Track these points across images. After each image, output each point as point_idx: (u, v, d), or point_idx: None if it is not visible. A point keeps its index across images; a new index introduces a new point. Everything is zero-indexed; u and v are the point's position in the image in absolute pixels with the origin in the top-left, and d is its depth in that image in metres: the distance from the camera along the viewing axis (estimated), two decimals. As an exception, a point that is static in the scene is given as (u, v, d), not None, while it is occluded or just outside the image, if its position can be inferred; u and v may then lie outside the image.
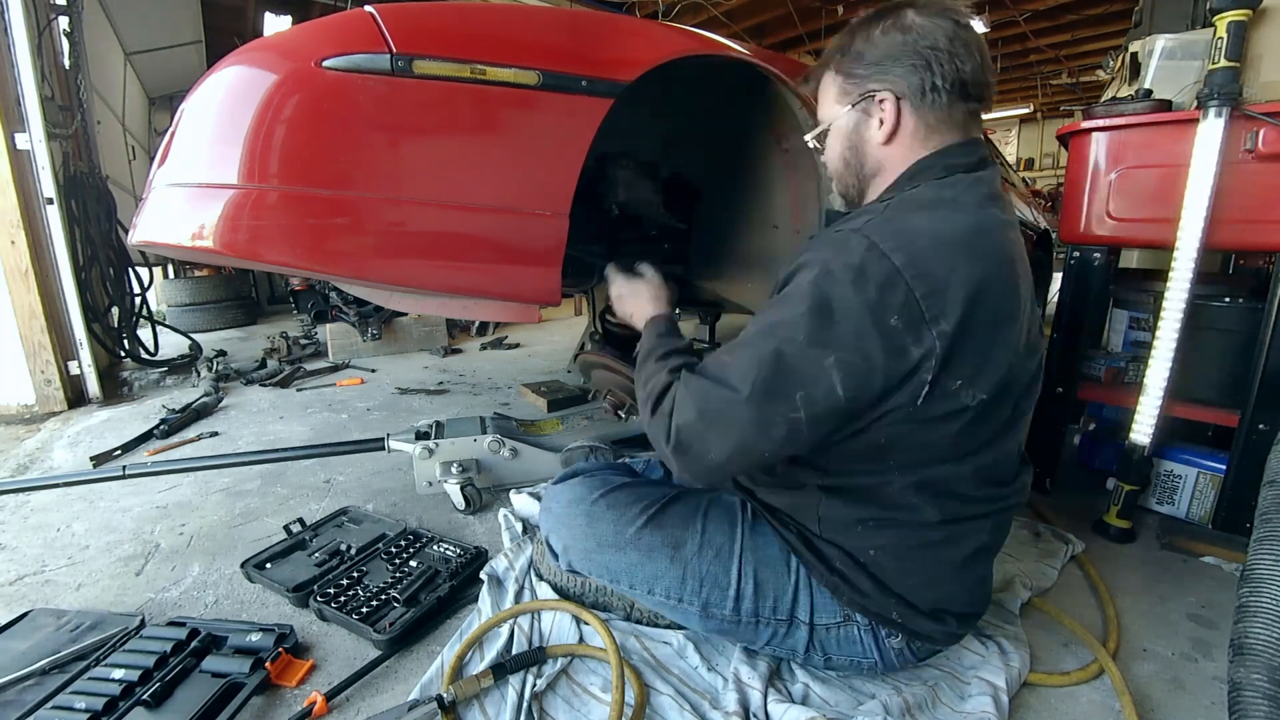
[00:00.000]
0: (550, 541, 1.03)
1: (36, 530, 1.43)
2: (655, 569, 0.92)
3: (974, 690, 0.92)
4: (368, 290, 1.27)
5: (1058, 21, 7.00)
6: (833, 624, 0.88)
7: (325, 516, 1.43)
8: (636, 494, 0.98)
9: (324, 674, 0.97)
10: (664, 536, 0.92)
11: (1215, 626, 1.12)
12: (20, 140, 2.22)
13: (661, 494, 0.98)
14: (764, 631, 0.90)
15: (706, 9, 6.38)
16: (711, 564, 0.89)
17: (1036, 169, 13.03)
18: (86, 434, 2.12)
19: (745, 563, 0.89)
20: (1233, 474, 1.40)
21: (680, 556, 0.90)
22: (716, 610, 0.90)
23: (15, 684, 0.92)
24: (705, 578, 0.89)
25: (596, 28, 1.21)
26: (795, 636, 0.89)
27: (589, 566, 0.99)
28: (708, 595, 0.89)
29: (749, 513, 0.93)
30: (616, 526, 0.95)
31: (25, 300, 2.29)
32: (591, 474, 1.07)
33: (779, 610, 0.88)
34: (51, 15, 2.54)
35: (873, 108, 0.82)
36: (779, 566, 0.88)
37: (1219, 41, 1.20)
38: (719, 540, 0.91)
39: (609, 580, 0.98)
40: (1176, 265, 1.31)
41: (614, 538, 0.95)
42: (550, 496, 1.06)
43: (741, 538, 0.90)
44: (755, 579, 0.88)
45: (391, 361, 3.27)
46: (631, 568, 0.93)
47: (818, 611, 0.88)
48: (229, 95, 1.02)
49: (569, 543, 1.00)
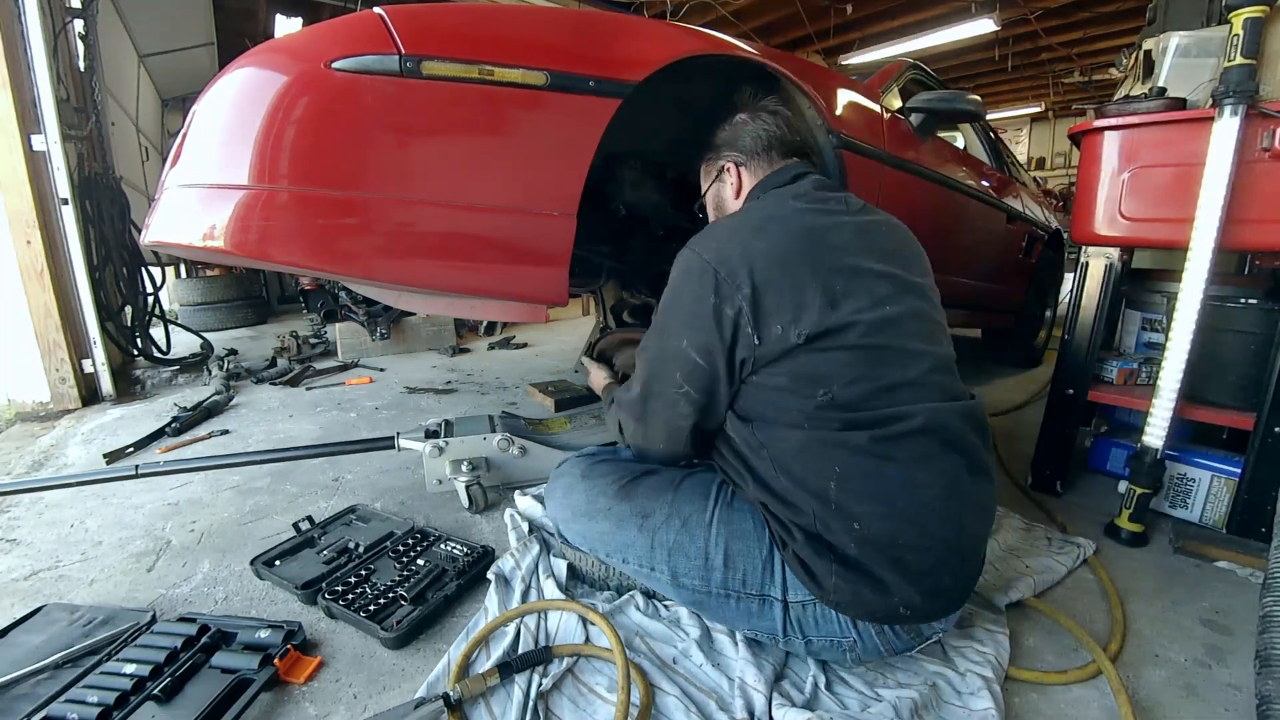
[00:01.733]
0: (549, 515, 1.16)
1: (51, 526, 1.45)
2: (625, 537, 0.99)
3: (972, 686, 0.93)
4: (377, 290, 1.28)
5: (1070, 19, 6.92)
6: (807, 601, 0.88)
7: (334, 515, 1.44)
8: (616, 468, 1.08)
9: (331, 670, 0.98)
10: (633, 507, 0.99)
11: (1229, 633, 1.11)
12: (36, 141, 2.25)
13: (640, 469, 1.06)
14: (738, 607, 0.92)
15: (715, 8, 6.37)
16: (679, 534, 0.94)
17: (1048, 168, 12.90)
18: (100, 431, 2.15)
19: (716, 534, 0.92)
20: (1248, 478, 1.38)
21: (648, 525, 0.97)
22: (686, 580, 0.94)
23: (29, 678, 0.94)
24: (673, 547, 0.94)
25: (604, 28, 1.21)
26: (770, 614, 0.91)
27: (570, 534, 1.10)
28: (675, 564, 0.94)
29: (728, 490, 0.97)
30: (589, 496, 1.05)
31: (41, 299, 2.33)
32: (591, 453, 1.18)
33: (749, 584, 0.91)
34: (67, 18, 2.57)
35: (726, 177, 1.14)
36: (751, 540, 0.91)
37: (1235, 38, 1.18)
38: (687, 510, 0.95)
39: (588, 548, 1.08)
40: (1191, 266, 1.29)
41: (587, 507, 1.05)
42: (552, 472, 1.18)
43: (715, 510, 0.94)
44: (726, 550, 0.91)
45: (400, 361, 3.29)
46: (604, 535, 1.02)
47: (791, 588, 0.89)
48: (240, 97, 1.03)
49: (554, 512, 1.13)
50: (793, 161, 1.09)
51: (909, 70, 2.27)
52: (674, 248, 1.02)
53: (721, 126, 1.14)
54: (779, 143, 1.09)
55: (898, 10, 6.65)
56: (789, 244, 0.92)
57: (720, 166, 1.14)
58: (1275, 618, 0.88)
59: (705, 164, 1.19)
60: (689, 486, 0.99)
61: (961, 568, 0.89)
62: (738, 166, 1.11)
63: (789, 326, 0.88)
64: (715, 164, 1.15)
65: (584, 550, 1.11)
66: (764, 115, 1.10)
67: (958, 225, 2.27)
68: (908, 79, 2.25)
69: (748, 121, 1.10)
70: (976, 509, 0.90)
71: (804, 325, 0.87)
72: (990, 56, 8.16)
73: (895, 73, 2.13)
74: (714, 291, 0.90)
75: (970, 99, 1.77)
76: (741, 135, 1.10)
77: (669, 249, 1.76)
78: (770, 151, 1.09)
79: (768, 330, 0.88)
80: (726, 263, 0.91)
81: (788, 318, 0.88)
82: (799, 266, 0.90)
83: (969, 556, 0.90)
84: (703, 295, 0.91)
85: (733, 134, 1.11)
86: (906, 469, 0.85)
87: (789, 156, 1.10)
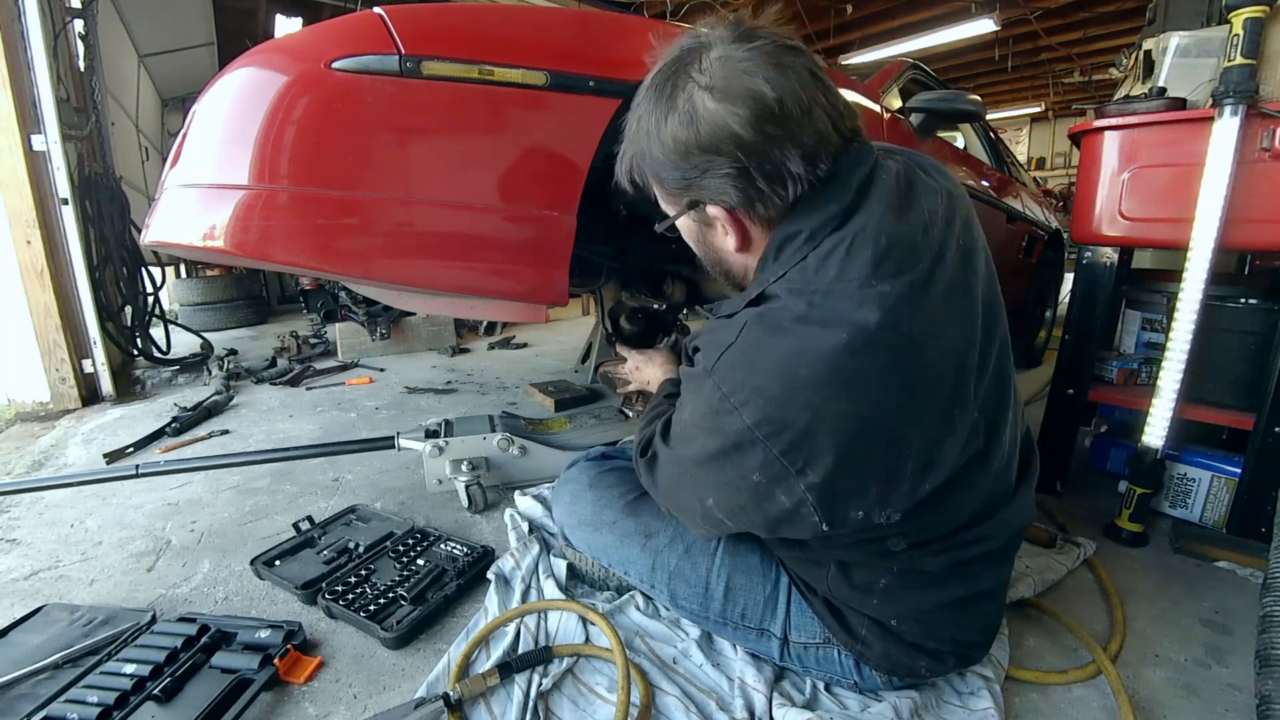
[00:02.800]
0: (555, 517, 1.16)
1: (51, 526, 1.45)
2: (628, 554, 0.97)
3: (972, 685, 0.93)
4: (376, 290, 1.28)
5: (1070, 19, 6.92)
6: (811, 644, 0.85)
7: (334, 515, 1.44)
8: (624, 479, 1.03)
9: (332, 670, 0.97)
10: (638, 525, 0.96)
11: (1229, 632, 1.11)
12: (36, 141, 2.25)
13: None
14: (735, 634, 0.91)
15: (715, 8, 6.37)
16: (680, 559, 0.91)
17: (1048, 168, 12.90)
18: (100, 431, 2.15)
19: (720, 564, 0.88)
20: (1248, 477, 1.38)
21: (651, 546, 0.94)
22: (684, 603, 0.93)
23: (29, 678, 0.94)
24: (674, 571, 0.92)
25: (604, 28, 1.21)
26: (768, 645, 0.89)
27: (575, 540, 1.09)
28: (675, 588, 0.92)
29: None
30: (595, 508, 1.02)
31: (41, 299, 2.33)
32: (601, 457, 1.16)
33: (748, 618, 0.88)
34: (67, 18, 2.57)
35: (707, 218, 0.73)
36: (756, 575, 0.87)
37: (1235, 38, 1.18)
38: (691, 536, 0.91)
39: (591, 555, 1.07)
40: (1191, 266, 1.29)
41: (593, 518, 1.02)
42: (561, 474, 1.16)
43: (721, 539, 0.89)
44: (728, 583, 0.88)
45: (400, 361, 3.29)
46: (607, 548, 1.01)
47: (795, 629, 0.85)
48: (240, 97, 1.03)
49: (559, 516, 1.12)
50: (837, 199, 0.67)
51: (909, 70, 2.27)
52: (673, 248, 0.97)
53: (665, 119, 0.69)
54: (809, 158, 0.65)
55: (897, 10, 6.65)
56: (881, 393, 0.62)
57: (695, 203, 0.73)
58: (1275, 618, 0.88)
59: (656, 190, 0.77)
60: None
61: (991, 633, 0.86)
62: (733, 213, 0.73)
63: (874, 510, 0.66)
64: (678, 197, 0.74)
65: (589, 557, 1.10)
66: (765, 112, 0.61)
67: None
68: (908, 79, 2.25)
69: (729, 129, 0.63)
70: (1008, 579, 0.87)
71: (896, 503, 0.66)
72: (990, 56, 8.17)
73: (895, 73, 2.13)
74: (759, 470, 0.64)
75: (970, 99, 1.76)
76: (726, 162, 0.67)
77: (669, 249, 1.76)
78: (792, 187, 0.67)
79: (841, 515, 0.66)
80: (783, 433, 0.62)
81: (871, 500, 0.65)
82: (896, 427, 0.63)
83: (997, 620, 0.87)
84: (740, 467, 0.65)
85: (702, 153, 0.66)
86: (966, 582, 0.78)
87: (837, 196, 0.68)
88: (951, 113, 1.81)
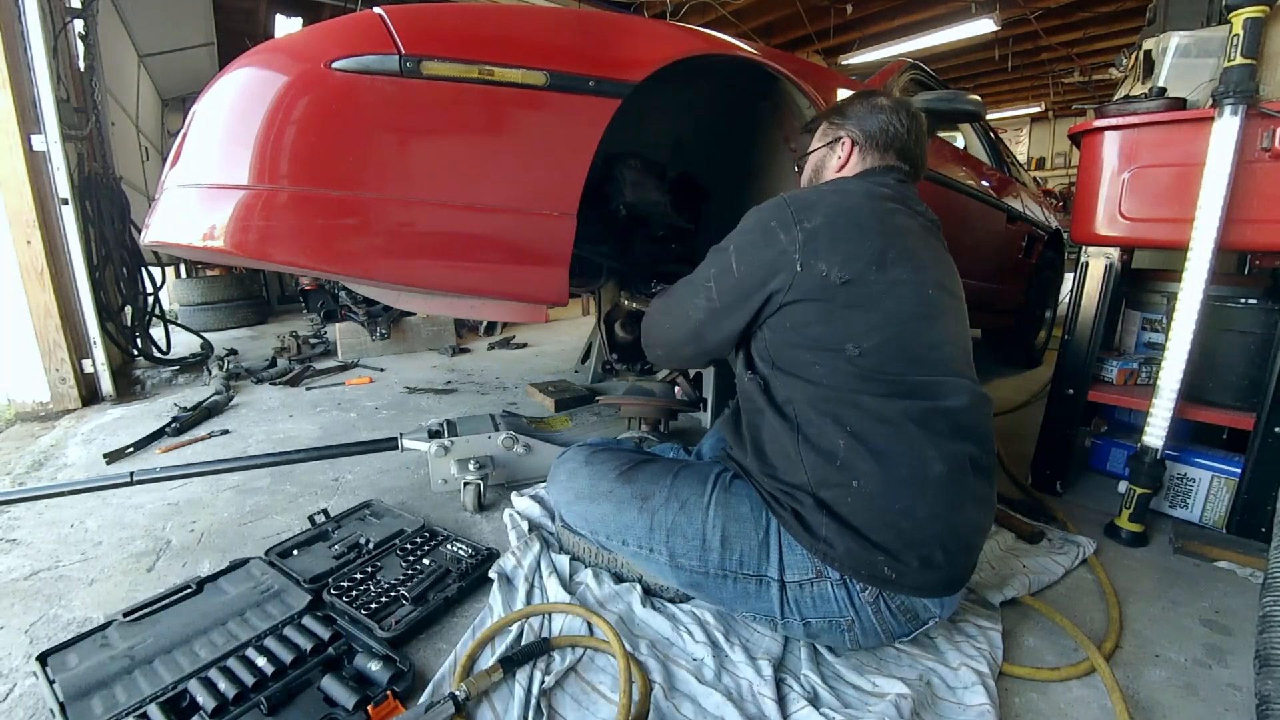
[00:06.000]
0: (550, 498, 1.22)
1: (51, 526, 1.45)
2: (625, 519, 1.03)
3: (966, 680, 0.93)
4: (377, 290, 1.28)
5: (1070, 19, 6.91)
6: (805, 580, 0.91)
7: (349, 509, 1.45)
8: (617, 456, 1.13)
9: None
10: (634, 490, 1.04)
11: (1230, 633, 1.11)
12: (36, 141, 2.25)
13: (641, 457, 1.12)
14: (735, 588, 0.95)
15: (715, 8, 6.36)
16: (677, 515, 0.99)
17: (1048, 168, 12.89)
18: (100, 431, 2.15)
19: (714, 516, 0.97)
20: (1248, 477, 1.38)
21: (648, 507, 1.01)
22: (684, 561, 0.98)
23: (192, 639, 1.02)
24: (671, 528, 0.99)
25: (604, 28, 1.21)
26: (767, 595, 0.93)
27: (571, 518, 1.15)
28: (674, 545, 0.98)
29: (726, 477, 1.01)
30: (591, 480, 1.10)
31: (41, 299, 2.33)
32: (594, 443, 1.25)
33: (746, 565, 0.94)
34: (67, 18, 2.57)
35: (837, 147, 1.13)
36: (748, 523, 0.95)
37: (1235, 38, 1.19)
38: (685, 494, 1.00)
39: (588, 531, 1.12)
40: (1191, 265, 1.29)
41: (589, 490, 1.10)
42: (555, 460, 1.24)
43: (712, 493, 0.99)
44: (723, 532, 0.95)
45: (400, 361, 3.29)
46: (605, 518, 1.06)
47: (788, 568, 0.92)
48: (240, 97, 1.03)
49: (556, 497, 1.18)
50: (899, 165, 1.08)
51: (909, 70, 2.27)
52: (674, 248, 1.02)
53: (859, 100, 1.12)
54: (899, 145, 1.08)
55: (897, 10, 6.65)
56: (860, 205, 0.97)
57: (837, 137, 1.12)
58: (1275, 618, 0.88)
59: (825, 125, 1.16)
60: (688, 474, 1.04)
61: (956, 549, 0.89)
62: (854, 144, 1.10)
63: (833, 267, 0.91)
64: (834, 132, 1.13)
65: (584, 534, 1.14)
66: (902, 115, 1.08)
67: (958, 225, 2.27)
68: (908, 79, 2.25)
69: (886, 110, 1.09)
70: (977, 499, 0.91)
71: (848, 270, 0.91)
72: (990, 56, 8.16)
73: (895, 72, 2.13)
74: (777, 219, 0.96)
75: (970, 99, 1.77)
76: (873, 119, 1.08)
77: (669, 249, 1.76)
78: (888, 149, 1.08)
79: (812, 264, 0.91)
80: (801, 203, 0.97)
81: (835, 260, 0.91)
82: (862, 223, 0.95)
83: (965, 543, 0.91)
84: (765, 220, 0.97)
85: (866, 113, 1.09)
86: (919, 443, 0.87)
87: (900, 162, 1.09)
88: (951, 113, 1.81)
